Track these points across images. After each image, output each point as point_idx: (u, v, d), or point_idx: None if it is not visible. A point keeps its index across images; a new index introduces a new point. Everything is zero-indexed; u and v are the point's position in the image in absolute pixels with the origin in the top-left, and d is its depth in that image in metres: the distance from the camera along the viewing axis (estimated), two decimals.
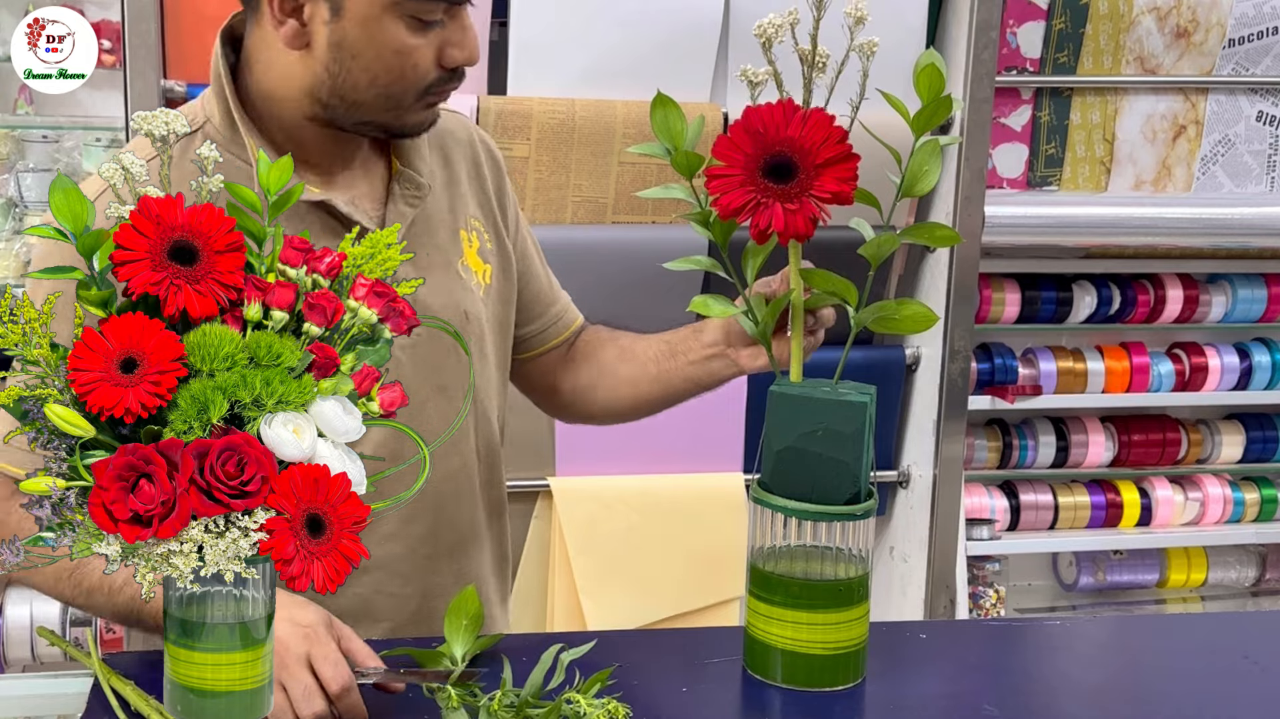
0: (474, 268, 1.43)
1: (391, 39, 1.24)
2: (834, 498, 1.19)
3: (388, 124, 1.30)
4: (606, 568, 2.46)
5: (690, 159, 1.22)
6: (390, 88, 1.26)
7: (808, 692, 1.20)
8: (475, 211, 1.46)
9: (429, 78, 1.27)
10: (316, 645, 1.13)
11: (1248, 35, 2.88)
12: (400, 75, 1.26)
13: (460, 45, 1.27)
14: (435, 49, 1.26)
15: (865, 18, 1.17)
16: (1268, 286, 3.10)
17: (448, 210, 1.42)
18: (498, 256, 1.47)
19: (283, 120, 1.31)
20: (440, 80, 1.28)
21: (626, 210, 2.44)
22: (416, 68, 1.26)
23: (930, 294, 2.63)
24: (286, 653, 1.11)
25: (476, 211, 1.46)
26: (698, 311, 1.31)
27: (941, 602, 2.68)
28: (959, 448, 2.65)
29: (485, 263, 1.45)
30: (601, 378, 1.52)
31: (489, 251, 1.46)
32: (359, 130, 1.31)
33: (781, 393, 1.22)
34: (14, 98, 2.51)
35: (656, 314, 2.38)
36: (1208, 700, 1.25)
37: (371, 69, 1.25)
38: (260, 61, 1.31)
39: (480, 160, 1.48)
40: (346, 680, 1.11)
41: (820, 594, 1.20)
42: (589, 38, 2.36)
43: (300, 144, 1.32)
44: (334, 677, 1.11)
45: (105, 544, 0.87)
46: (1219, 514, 3.18)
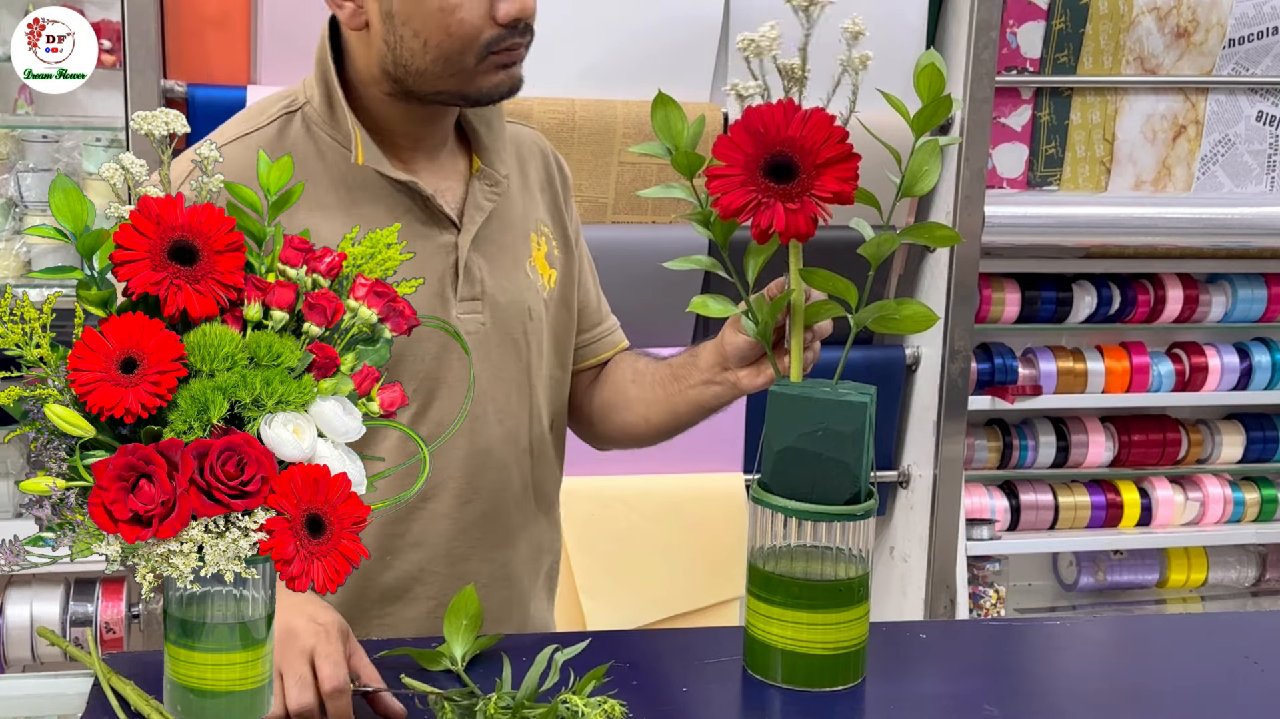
0: (541, 270, 1.47)
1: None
2: (834, 498, 1.19)
3: (459, 90, 1.31)
4: (606, 568, 2.46)
5: (691, 159, 1.22)
6: (444, 47, 1.27)
7: (807, 692, 1.20)
8: (545, 218, 1.50)
9: (484, 34, 1.27)
10: (323, 643, 1.14)
11: (1248, 35, 2.88)
12: (449, 33, 1.26)
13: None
14: (484, 5, 1.26)
15: (863, 32, 1.17)
16: (1268, 286, 3.10)
17: (521, 212, 1.46)
18: (563, 265, 1.51)
19: (376, 103, 1.35)
20: (499, 38, 1.28)
21: (626, 210, 2.44)
22: (464, 23, 1.26)
23: (930, 294, 2.63)
24: (293, 644, 1.13)
25: (546, 219, 1.50)
26: (697, 312, 1.31)
27: (941, 602, 2.68)
28: (959, 448, 2.65)
29: (551, 268, 1.48)
30: (615, 398, 1.54)
31: (555, 258, 1.50)
32: (436, 101, 1.33)
33: (781, 393, 1.22)
34: (14, 98, 2.51)
35: (656, 314, 2.39)
36: (1208, 700, 1.25)
37: (421, 32, 1.27)
38: (347, 50, 1.35)
39: (553, 172, 1.53)
40: (341, 683, 1.12)
41: (820, 594, 1.20)
42: (589, 38, 2.36)
43: (390, 127, 1.36)
44: (331, 675, 1.12)
45: (105, 544, 0.87)
46: (1219, 514, 3.18)
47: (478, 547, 1.43)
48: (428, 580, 1.41)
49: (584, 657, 1.17)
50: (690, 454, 2.49)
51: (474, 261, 1.39)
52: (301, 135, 1.35)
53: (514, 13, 1.26)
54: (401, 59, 1.29)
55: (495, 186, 1.41)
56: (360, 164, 1.32)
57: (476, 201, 1.39)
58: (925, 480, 2.68)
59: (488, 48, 1.28)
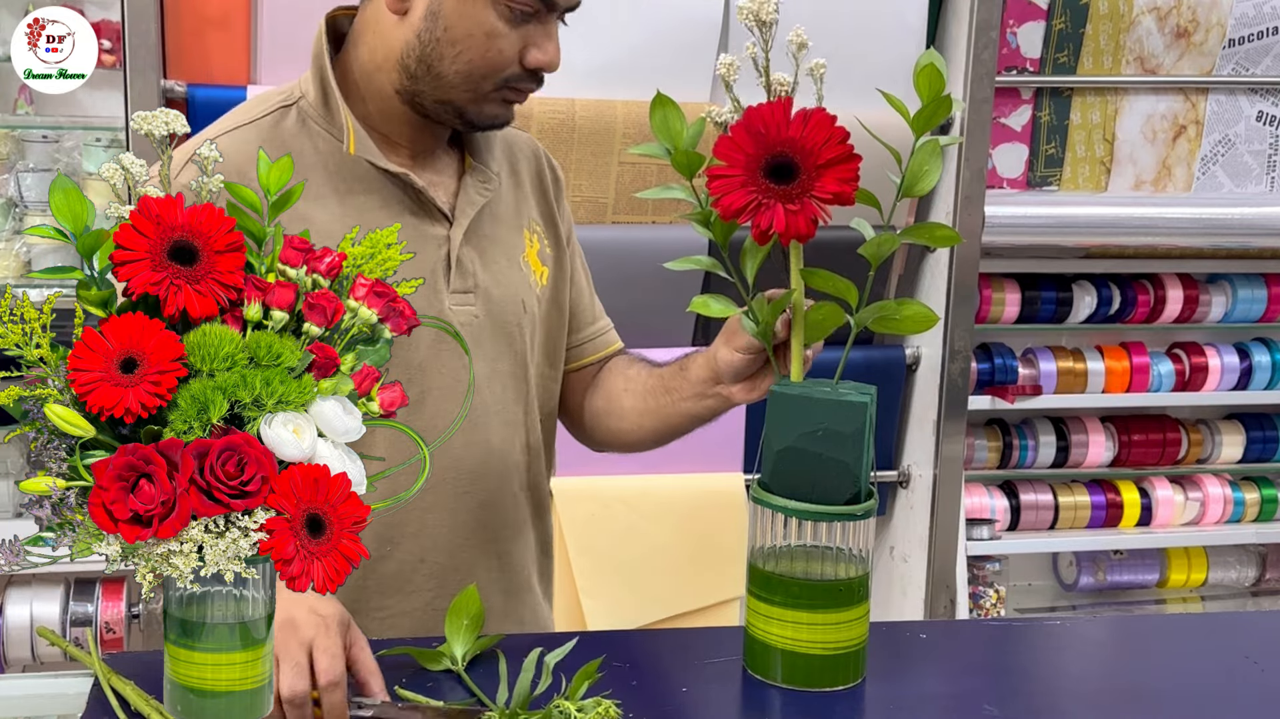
0: (533, 267, 1.49)
1: (484, 20, 1.31)
2: (834, 498, 1.19)
3: (464, 108, 1.36)
4: (606, 568, 2.46)
5: (691, 159, 1.22)
6: (473, 65, 1.32)
7: (807, 691, 1.20)
8: (537, 216, 1.52)
9: (510, 70, 1.33)
10: (323, 636, 1.15)
11: (1248, 35, 2.88)
12: (483, 56, 1.32)
13: (542, 49, 1.34)
14: (520, 45, 1.33)
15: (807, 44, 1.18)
16: (1268, 286, 3.10)
17: (513, 209, 1.48)
18: (554, 263, 1.53)
19: (378, 96, 1.38)
20: (519, 78, 1.35)
21: (626, 210, 2.44)
22: (501, 53, 1.32)
23: (930, 294, 2.63)
24: (294, 634, 1.14)
25: (538, 217, 1.52)
26: (698, 312, 1.31)
27: (941, 602, 2.68)
28: (959, 448, 2.65)
29: (543, 265, 1.50)
30: (609, 406, 1.55)
31: (548, 256, 1.52)
32: (439, 111, 1.37)
33: (781, 393, 1.22)
34: (14, 98, 2.51)
35: (656, 314, 2.39)
36: (1208, 700, 1.25)
37: (459, 44, 1.32)
38: (365, 35, 1.38)
39: (544, 172, 1.55)
40: (337, 677, 1.13)
41: (820, 594, 1.20)
42: (589, 38, 2.36)
43: (390, 122, 1.39)
44: (327, 669, 1.13)
45: (105, 544, 0.87)
46: (1219, 514, 3.18)
47: (472, 541, 1.44)
48: (424, 573, 1.42)
49: (582, 656, 1.17)
50: (690, 454, 2.49)
51: (466, 255, 1.40)
52: (296, 128, 1.38)
53: (540, 63, 1.34)
54: (428, 57, 1.33)
55: (487, 183, 1.44)
56: (352, 154, 1.35)
57: (469, 196, 1.42)
58: (925, 480, 2.68)
59: (506, 82, 1.34)
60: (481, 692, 1.18)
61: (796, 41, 1.18)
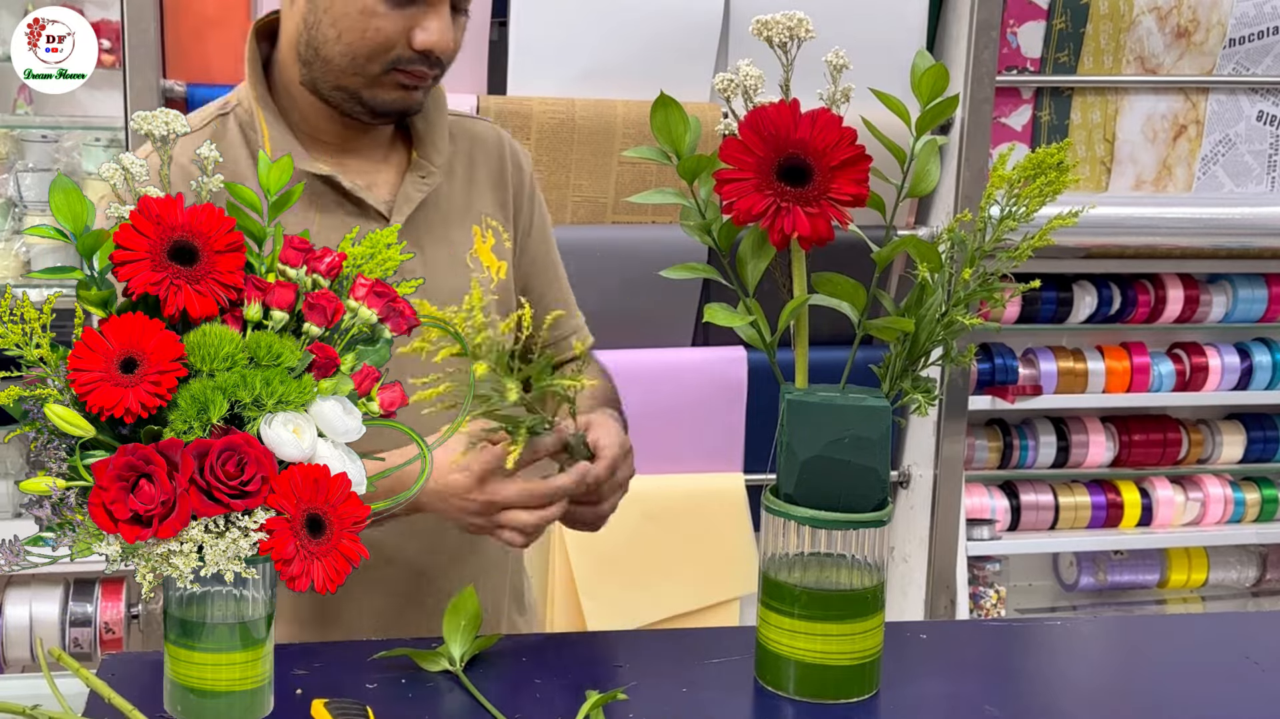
0: (486, 262, 1.48)
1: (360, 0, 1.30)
2: (863, 505, 1.16)
3: (359, 92, 1.34)
4: (606, 568, 2.46)
5: (696, 163, 1.20)
6: (353, 46, 1.31)
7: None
8: (493, 211, 1.50)
9: (395, 51, 1.31)
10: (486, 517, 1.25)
11: (1248, 35, 2.88)
12: (363, 37, 1.30)
13: (426, 29, 1.31)
14: (405, 25, 1.31)
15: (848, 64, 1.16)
16: (1268, 286, 3.10)
17: (462, 204, 1.47)
18: (514, 257, 1.51)
19: (295, 92, 1.38)
20: (409, 60, 1.32)
21: (626, 210, 2.44)
22: (380, 32, 1.30)
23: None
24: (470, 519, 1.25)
25: (495, 211, 1.50)
26: (712, 321, 1.27)
27: (942, 602, 2.68)
28: (959, 448, 2.65)
29: (500, 259, 1.49)
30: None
31: (505, 251, 1.50)
32: (339, 99, 1.36)
33: (802, 401, 1.17)
34: (14, 98, 2.51)
35: (656, 314, 2.39)
36: (1208, 700, 1.25)
37: (338, 24, 1.31)
38: (280, 33, 1.39)
39: (506, 166, 1.53)
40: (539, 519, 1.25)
41: (838, 604, 1.16)
42: (589, 38, 2.36)
43: (311, 120, 1.39)
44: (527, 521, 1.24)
45: (105, 544, 0.88)
46: (1219, 514, 3.17)
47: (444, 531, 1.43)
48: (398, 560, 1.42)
49: (584, 656, 1.17)
50: (690, 454, 2.49)
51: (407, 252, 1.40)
52: (234, 135, 1.38)
53: (427, 44, 1.31)
54: (314, 41, 1.33)
55: (427, 177, 1.43)
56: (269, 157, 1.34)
57: (407, 192, 1.41)
58: (925, 480, 2.68)
59: (394, 64, 1.32)
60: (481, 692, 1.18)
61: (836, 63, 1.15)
